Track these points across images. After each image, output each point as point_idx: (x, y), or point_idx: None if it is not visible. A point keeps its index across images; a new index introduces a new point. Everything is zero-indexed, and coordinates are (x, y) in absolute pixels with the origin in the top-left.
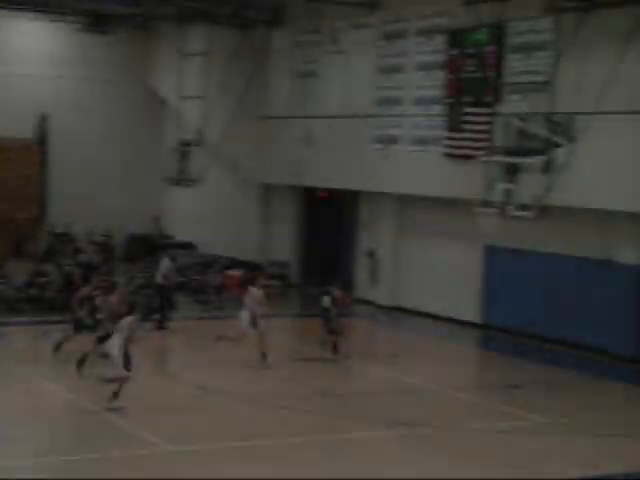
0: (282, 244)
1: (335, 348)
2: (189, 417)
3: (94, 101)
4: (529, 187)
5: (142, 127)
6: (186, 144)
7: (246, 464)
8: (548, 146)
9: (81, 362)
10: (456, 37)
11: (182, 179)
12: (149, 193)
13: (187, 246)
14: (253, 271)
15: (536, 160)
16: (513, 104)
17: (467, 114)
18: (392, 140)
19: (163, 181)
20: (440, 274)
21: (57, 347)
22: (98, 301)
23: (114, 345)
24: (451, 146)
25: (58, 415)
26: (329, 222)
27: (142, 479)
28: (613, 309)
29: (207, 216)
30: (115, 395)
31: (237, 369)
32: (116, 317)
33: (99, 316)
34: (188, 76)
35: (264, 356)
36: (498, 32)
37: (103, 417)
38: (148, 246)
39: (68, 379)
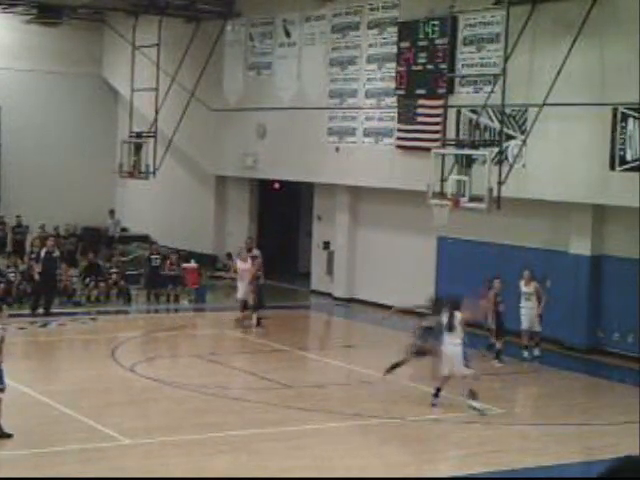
0: (238, 236)
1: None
2: (144, 410)
3: (46, 93)
4: (482, 179)
5: (95, 119)
6: (140, 136)
7: (205, 456)
8: (501, 138)
9: None
10: (407, 29)
11: (136, 171)
12: (103, 185)
13: (143, 239)
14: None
15: (489, 152)
16: (464, 96)
17: (419, 106)
18: (345, 132)
19: (117, 173)
20: (394, 266)
21: None
22: None
23: None
24: (404, 138)
25: (12, 408)
26: (285, 214)
27: (99, 478)
28: (566, 300)
29: (162, 208)
30: None
31: (193, 361)
32: None
33: None
34: (141, 68)
35: None
36: (449, 24)
37: (59, 411)
38: (103, 239)
39: (24, 372)
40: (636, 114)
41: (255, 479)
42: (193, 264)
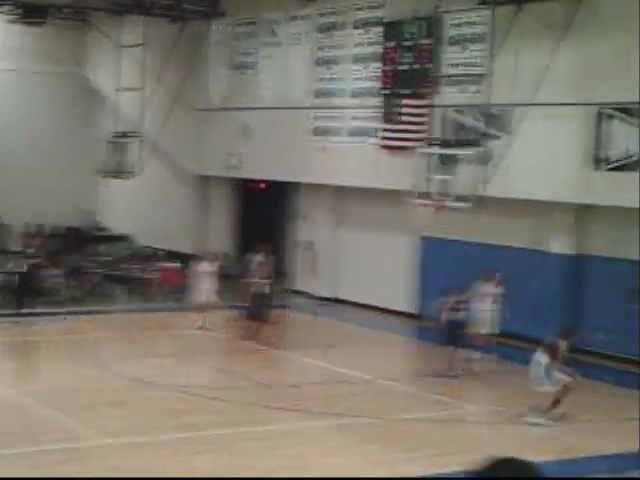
0: (221, 236)
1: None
2: (125, 409)
3: (29, 93)
4: (465, 179)
5: (78, 119)
6: (123, 136)
7: (185, 456)
8: (484, 138)
9: None
10: (392, 29)
11: (119, 171)
12: (86, 185)
13: (123, 238)
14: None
15: (472, 152)
16: (449, 96)
17: (403, 106)
18: (330, 132)
19: (98, 173)
20: (377, 265)
21: None
22: None
23: None
24: (388, 138)
25: None
26: (268, 213)
27: (79, 478)
28: (547, 299)
29: (144, 208)
30: None
31: (174, 361)
32: None
33: None
34: (125, 68)
35: None
36: (434, 24)
37: (38, 411)
38: (85, 239)
39: (5, 372)
40: (620, 114)
41: (242, 479)
42: (175, 264)
